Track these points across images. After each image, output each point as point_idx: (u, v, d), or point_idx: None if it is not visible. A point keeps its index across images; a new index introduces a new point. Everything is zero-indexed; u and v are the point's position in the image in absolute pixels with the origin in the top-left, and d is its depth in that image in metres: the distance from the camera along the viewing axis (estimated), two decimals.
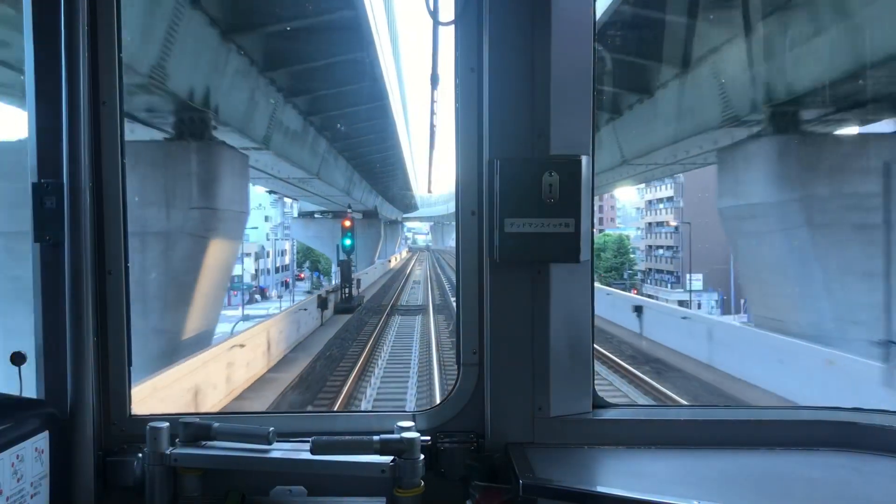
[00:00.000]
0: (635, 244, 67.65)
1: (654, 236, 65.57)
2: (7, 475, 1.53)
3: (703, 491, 1.57)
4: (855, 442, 1.70)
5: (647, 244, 67.01)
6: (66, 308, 1.72)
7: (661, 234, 63.49)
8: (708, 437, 1.76)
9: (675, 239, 59.38)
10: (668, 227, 61.52)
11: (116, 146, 1.80)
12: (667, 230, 62.03)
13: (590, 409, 1.79)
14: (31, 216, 1.75)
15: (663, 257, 62.07)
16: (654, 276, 63.54)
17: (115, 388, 1.82)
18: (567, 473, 1.67)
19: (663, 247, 62.44)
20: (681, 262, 57.69)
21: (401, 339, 20.41)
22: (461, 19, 1.76)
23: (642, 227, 69.85)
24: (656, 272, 63.17)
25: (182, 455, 1.71)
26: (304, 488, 1.76)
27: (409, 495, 1.66)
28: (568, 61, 1.72)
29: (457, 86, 1.79)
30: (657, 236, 64.85)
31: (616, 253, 63.12)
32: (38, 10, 1.74)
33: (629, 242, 66.70)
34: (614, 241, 65.00)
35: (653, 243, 65.40)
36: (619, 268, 62.39)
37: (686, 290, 52.55)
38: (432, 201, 79.26)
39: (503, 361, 1.77)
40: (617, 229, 74.33)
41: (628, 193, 73.41)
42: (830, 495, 1.56)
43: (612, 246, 63.85)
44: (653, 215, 66.98)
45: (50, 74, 1.71)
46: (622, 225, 79.59)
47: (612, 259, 62.02)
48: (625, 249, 64.91)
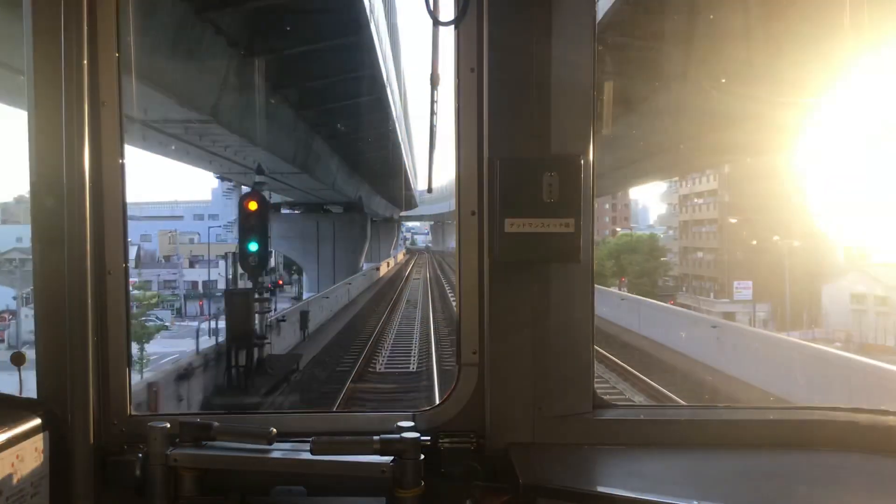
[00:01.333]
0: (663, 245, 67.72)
1: (692, 237, 65.40)
2: (7, 475, 1.84)
3: (703, 491, 1.88)
4: (855, 442, 2.02)
5: (683, 245, 66.89)
6: (66, 308, 2.04)
7: (701, 234, 63.37)
8: (708, 437, 2.09)
9: (720, 239, 59.20)
10: (711, 227, 61.35)
11: (116, 146, 2.14)
12: (708, 229, 61.92)
13: (590, 409, 2.12)
14: (31, 216, 2.09)
15: (703, 261, 62.01)
16: (691, 282, 63.39)
17: (115, 388, 2.15)
18: (567, 473, 2.00)
19: (703, 249, 62.40)
20: (725, 267, 57.52)
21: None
22: (461, 19, 2.10)
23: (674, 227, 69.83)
24: (694, 278, 63.11)
25: (182, 455, 2.04)
26: (304, 488, 2.09)
27: (410, 495, 1.98)
28: (568, 61, 2.06)
29: (457, 86, 2.13)
30: (695, 237, 64.73)
31: (648, 256, 63.03)
32: (38, 10, 2.07)
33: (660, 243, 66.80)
34: (645, 242, 64.94)
35: (689, 244, 65.29)
36: (653, 273, 62.29)
37: (732, 301, 52.48)
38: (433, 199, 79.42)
39: (503, 361, 2.11)
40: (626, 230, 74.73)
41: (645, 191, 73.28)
42: (830, 495, 1.88)
43: (644, 247, 63.73)
44: (689, 212, 66.83)
45: (50, 74, 2.04)
46: (635, 225, 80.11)
47: (644, 263, 61.92)
48: (658, 252, 64.82)
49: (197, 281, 58.28)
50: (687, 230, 66.96)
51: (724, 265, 57.57)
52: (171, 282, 57.87)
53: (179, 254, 57.46)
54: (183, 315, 54.16)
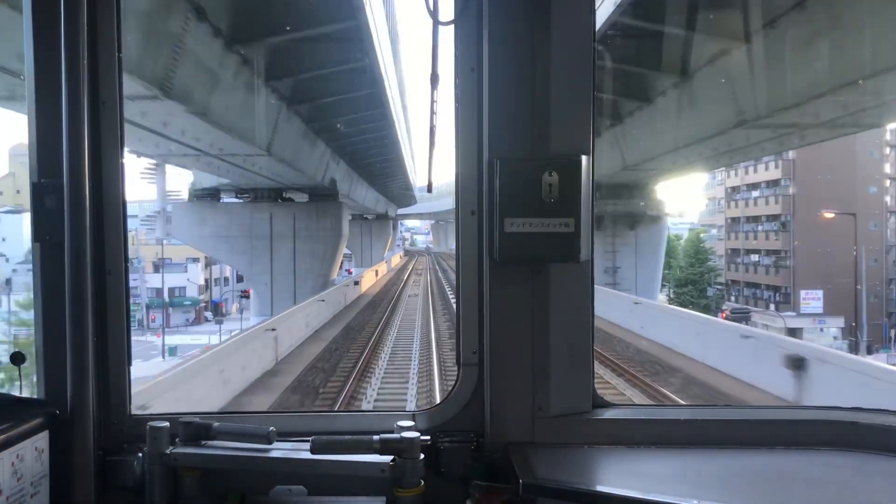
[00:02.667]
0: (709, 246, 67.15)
1: (743, 236, 64.93)
2: (7, 475, 2.24)
3: (703, 491, 2.27)
4: (855, 442, 2.42)
5: (729, 247, 66.27)
6: (66, 308, 2.45)
7: (757, 234, 63.01)
8: (708, 437, 2.49)
9: (784, 240, 58.56)
10: (771, 224, 60.77)
11: (116, 146, 2.56)
12: (767, 227, 61.63)
13: (590, 408, 2.53)
14: (31, 216, 2.51)
15: (760, 266, 61.72)
16: (742, 291, 62.75)
17: (115, 388, 2.57)
18: (567, 473, 2.40)
19: (760, 251, 62.19)
20: (791, 273, 56.85)
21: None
22: (461, 19, 2.51)
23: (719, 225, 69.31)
24: (747, 286, 62.69)
25: (182, 455, 2.44)
26: (304, 488, 2.49)
27: (410, 495, 2.37)
28: (568, 61, 2.47)
29: (457, 85, 2.54)
30: (749, 236, 64.35)
31: (693, 259, 62.67)
32: (38, 10, 2.50)
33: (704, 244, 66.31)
34: (690, 243, 64.54)
35: (740, 246, 64.88)
36: (699, 280, 61.92)
37: (799, 315, 51.33)
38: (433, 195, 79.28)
39: (503, 361, 2.52)
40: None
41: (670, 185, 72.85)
42: (830, 495, 2.26)
43: (689, 250, 63.27)
44: (738, 208, 66.30)
45: (50, 74, 2.45)
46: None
47: (688, 268, 61.51)
48: (703, 255, 64.28)
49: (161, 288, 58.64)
50: (736, 229, 66.49)
51: (788, 271, 57.14)
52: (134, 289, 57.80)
53: (140, 256, 57.45)
54: (145, 328, 54.64)
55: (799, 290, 54.99)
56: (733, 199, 67.91)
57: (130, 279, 2.76)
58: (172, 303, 63.49)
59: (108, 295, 2.57)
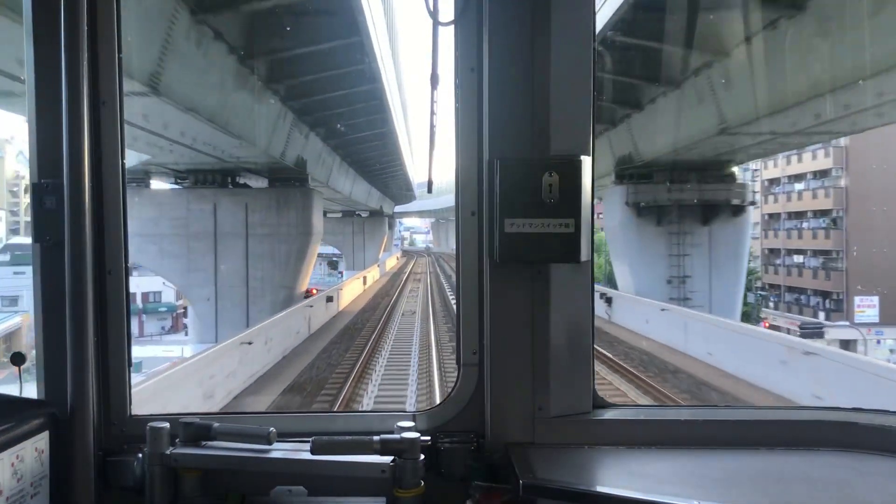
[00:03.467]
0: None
1: (784, 234, 63.96)
2: (7, 475, 2.49)
3: (703, 491, 2.51)
4: (855, 442, 2.68)
5: (766, 247, 65.14)
6: (67, 308, 2.71)
7: (802, 232, 62.05)
8: (708, 437, 2.76)
9: (835, 239, 57.32)
10: (818, 220, 59.77)
11: (116, 146, 2.84)
12: (815, 225, 60.73)
13: (590, 409, 2.81)
14: (31, 216, 2.80)
15: (806, 268, 60.87)
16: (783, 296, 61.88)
17: (115, 388, 2.86)
18: (567, 473, 2.67)
19: (806, 251, 61.37)
20: (843, 277, 55.77)
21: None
22: (461, 19, 2.78)
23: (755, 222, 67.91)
24: (789, 291, 61.89)
25: (182, 455, 2.71)
26: (304, 488, 2.77)
27: (410, 495, 2.63)
28: (568, 61, 2.74)
29: (457, 86, 2.81)
30: (791, 235, 63.41)
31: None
32: (38, 10, 2.78)
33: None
34: None
35: (780, 245, 64.12)
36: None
37: (853, 324, 49.03)
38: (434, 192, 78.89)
39: (503, 362, 2.79)
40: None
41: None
42: (830, 495, 2.49)
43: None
44: (778, 202, 65.12)
45: (50, 74, 2.72)
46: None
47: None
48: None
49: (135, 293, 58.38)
50: (775, 226, 65.43)
51: (841, 274, 56.24)
52: None
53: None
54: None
55: (853, 295, 54.14)
56: (771, 193, 67.03)
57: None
58: (146, 309, 63.06)
59: (108, 295, 2.85)
